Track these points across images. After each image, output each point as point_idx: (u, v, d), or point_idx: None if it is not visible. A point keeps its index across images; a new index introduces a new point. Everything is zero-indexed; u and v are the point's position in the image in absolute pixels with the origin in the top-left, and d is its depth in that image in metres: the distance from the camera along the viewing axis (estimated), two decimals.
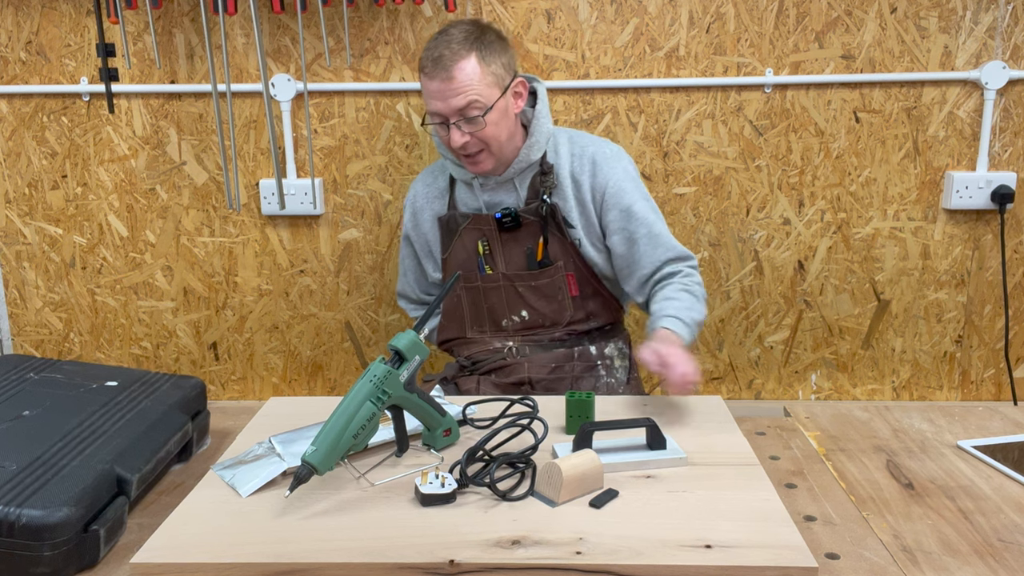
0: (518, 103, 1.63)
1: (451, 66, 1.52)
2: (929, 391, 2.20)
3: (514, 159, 1.64)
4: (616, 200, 1.64)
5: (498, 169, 1.65)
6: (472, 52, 1.54)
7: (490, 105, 1.55)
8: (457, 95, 1.53)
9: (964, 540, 1.08)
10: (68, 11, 2.02)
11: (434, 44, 1.56)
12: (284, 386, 2.27)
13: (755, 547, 1.00)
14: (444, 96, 1.54)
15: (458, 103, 1.54)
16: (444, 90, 1.53)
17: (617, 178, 1.65)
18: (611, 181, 1.65)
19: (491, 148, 1.59)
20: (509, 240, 1.67)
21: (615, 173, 1.65)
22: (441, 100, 1.54)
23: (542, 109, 1.66)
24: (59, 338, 2.25)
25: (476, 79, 1.53)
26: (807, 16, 1.98)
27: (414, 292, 1.88)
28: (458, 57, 1.53)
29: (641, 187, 1.68)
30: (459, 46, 1.54)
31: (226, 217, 2.14)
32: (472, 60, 1.53)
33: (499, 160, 1.62)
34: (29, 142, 2.11)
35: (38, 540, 1.00)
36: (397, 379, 1.18)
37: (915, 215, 2.08)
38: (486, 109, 1.55)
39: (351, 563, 0.98)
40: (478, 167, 1.62)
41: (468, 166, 1.63)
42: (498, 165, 1.63)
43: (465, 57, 1.53)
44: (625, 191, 1.64)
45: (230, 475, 1.19)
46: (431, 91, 1.56)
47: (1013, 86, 1.99)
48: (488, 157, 1.61)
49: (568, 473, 1.10)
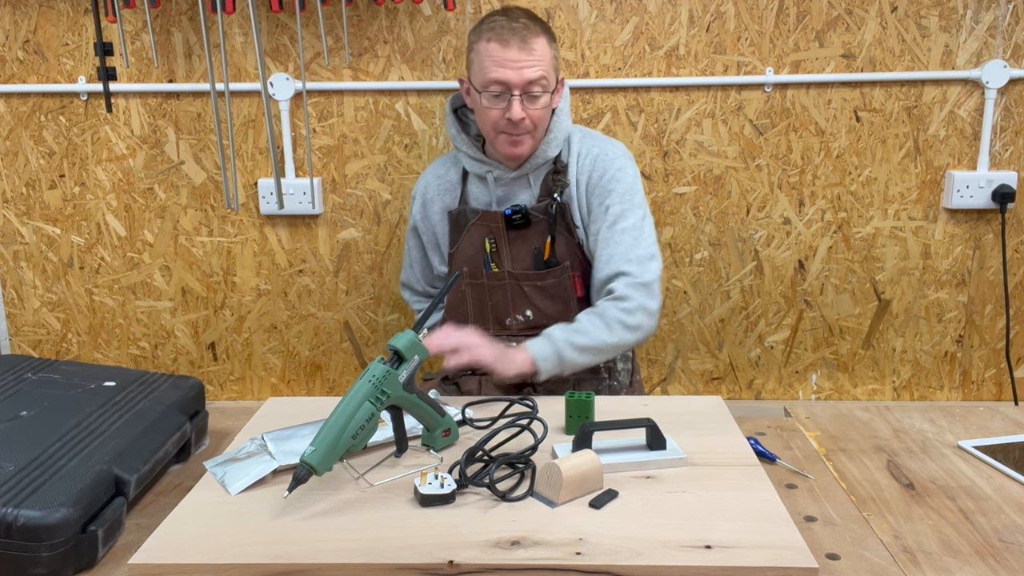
0: (557, 100, 1.65)
1: (530, 38, 1.54)
2: (930, 391, 2.19)
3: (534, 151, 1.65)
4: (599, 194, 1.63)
5: (524, 158, 1.65)
6: (544, 33, 1.58)
7: (552, 87, 1.58)
8: (533, 67, 1.54)
9: (965, 540, 1.08)
10: (66, 10, 2.02)
11: (500, 18, 1.56)
12: (283, 386, 2.26)
13: (755, 547, 1.00)
14: (519, 66, 1.53)
15: (532, 75, 1.54)
16: (521, 60, 1.53)
17: (609, 175, 1.64)
18: (604, 178, 1.64)
19: (536, 131, 1.60)
20: (516, 239, 1.67)
21: (608, 171, 1.64)
22: (514, 70, 1.53)
23: (563, 107, 1.67)
24: (57, 338, 2.24)
25: (548, 58, 1.57)
26: (807, 15, 1.97)
27: (419, 283, 1.87)
28: (535, 32, 1.56)
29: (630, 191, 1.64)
30: (532, 23, 1.57)
31: (224, 217, 2.14)
32: (544, 39, 1.57)
33: (534, 147, 1.63)
34: (27, 141, 2.10)
35: (36, 541, 0.99)
36: (396, 379, 1.17)
37: (916, 215, 2.08)
38: (550, 88, 1.57)
39: (350, 564, 0.98)
40: (519, 148, 1.61)
41: (508, 146, 1.61)
42: (532, 151, 1.64)
43: (540, 34, 1.56)
44: (608, 190, 1.63)
45: (221, 472, 1.18)
46: (503, 59, 1.54)
47: (1014, 85, 1.99)
48: (530, 140, 1.61)
49: (568, 474, 1.09)
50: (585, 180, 1.65)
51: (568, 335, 1.52)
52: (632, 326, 1.56)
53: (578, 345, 1.52)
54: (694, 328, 2.18)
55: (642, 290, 1.57)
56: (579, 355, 1.52)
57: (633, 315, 1.55)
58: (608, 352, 1.57)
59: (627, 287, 1.57)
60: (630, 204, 1.63)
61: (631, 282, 1.57)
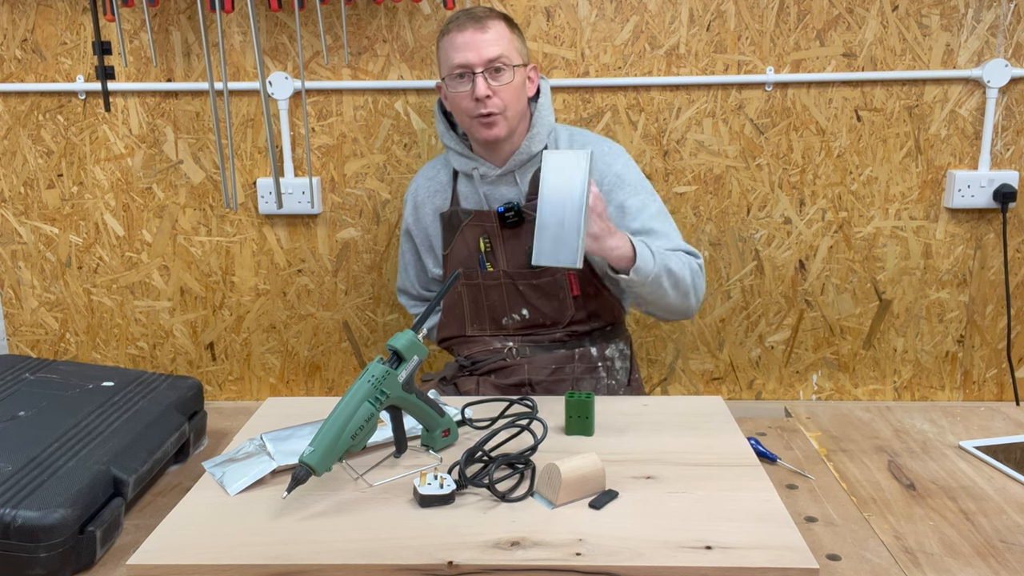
0: (530, 87, 1.67)
1: (486, 20, 1.59)
2: (931, 391, 2.19)
3: (518, 147, 1.64)
4: (610, 197, 1.63)
5: (504, 150, 1.65)
6: (502, 19, 1.62)
7: (516, 63, 1.60)
8: (490, 45, 1.57)
9: (966, 541, 1.07)
10: (64, 8, 2.01)
11: (460, 14, 1.62)
12: (281, 386, 2.26)
13: (756, 548, 0.99)
14: (476, 46, 1.57)
15: (490, 53, 1.57)
16: (477, 40, 1.57)
17: (613, 174, 1.65)
18: (606, 178, 1.64)
19: (507, 112, 1.61)
20: (511, 237, 1.66)
21: (610, 170, 1.65)
22: (472, 50, 1.57)
23: (544, 103, 1.67)
24: (55, 338, 2.24)
25: (506, 38, 1.60)
26: (808, 14, 1.97)
27: (414, 288, 1.87)
28: (492, 17, 1.61)
29: (641, 184, 1.66)
30: (490, 12, 1.62)
31: (223, 216, 2.14)
32: (503, 23, 1.61)
33: (510, 131, 1.63)
34: (25, 141, 2.10)
35: (34, 542, 0.99)
36: (395, 379, 1.17)
37: (917, 214, 2.08)
38: (513, 64, 1.60)
39: (349, 564, 0.98)
40: (492, 130, 1.61)
41: (482, 130, 1.61)
42: (508, 137, 1.63)
43: (496, 19, 1.61)
44: (618, 187, 1.64)
45: (220, 473, 1.18)
46: (460, 43, 1.58)
47: (1015, 84, 1.98)
48: (503, 122, 1.61)
49: (568, 475, 1.09)
50: None
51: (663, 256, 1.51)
52: (698, 287, 1.58)
53: (667, 268, 1.51)
54: (694, 328, 2.17)
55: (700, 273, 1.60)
56: (667, 278, 1.51)
57: (700, 277, 1.59)
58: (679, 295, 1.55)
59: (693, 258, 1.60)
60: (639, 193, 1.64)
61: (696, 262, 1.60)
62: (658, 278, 1.50)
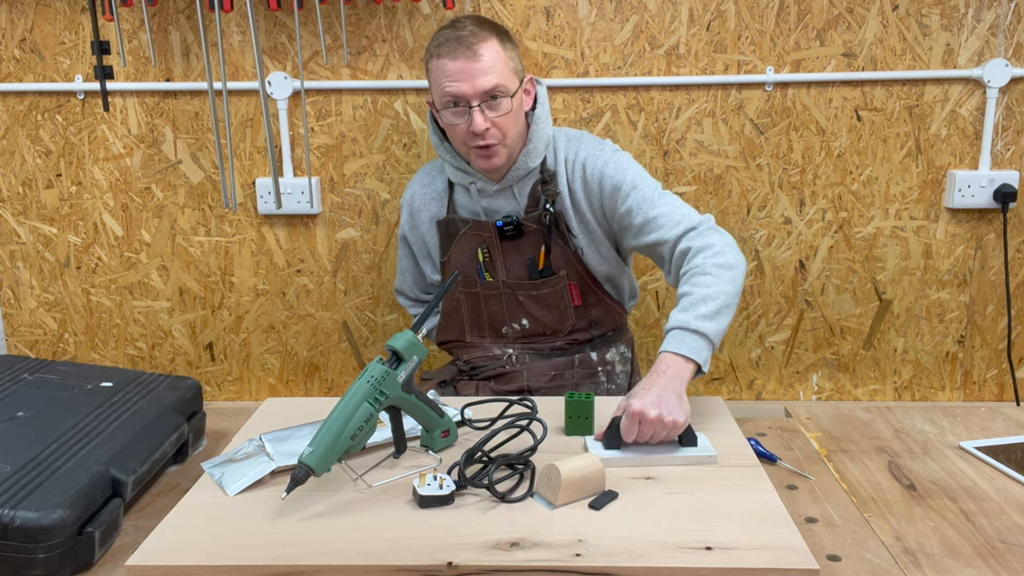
0: (527, 101, 1.59)
1: (476, 45, 1.46)
2: (931, 392, 2.19)
3: (515, 162, 1.59)
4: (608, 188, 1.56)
5: (502, 169, 1.60)
6: (492, 35, 1.50)
7: (513, 90, 1.50)
8: (485, 75, 1.46)
9: (966, 542, 1.07)
10: (63, 8, 2.01)
11: (447, 30, 1.50)
12: (281, 387, 2.26)
13: (756, 549, 0.99)
14: (471, 76, 1.46)
15: (485, 84, 1.46)
16: (470, 70, 1.46)
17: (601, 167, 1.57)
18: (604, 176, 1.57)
19: (507, 140, 1.53)
20: (510, 248, 1.63)
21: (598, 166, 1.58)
22: (466, 81, 1.46)
23: (542, 114, 1.60)
24: (54, 338, 2.23)
25: (500, 62, 1.48)
26: (808, 13, 1.97)
27: (412, 291, 1.86)
28: (480, 38, 1.47)
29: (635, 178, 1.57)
30: (478, 29, 1.48)
31: (222, 216, 2.13)
32: (494, 42, 1.49)
33: (510, 156, 1.56)
34: (23, 140, 2.10)
35: (32, 542, 0.99)
36: (395, 380, 1.17)
37: (917, 214, 2.07)
38: (510, 93, 1.49)
39: (348, 565, 0.97)
40: (491, 161, 1.54)
41: (480, 160, 1.55)
42: (507, 162, 1.58)
43: (487, 39, 1.48)
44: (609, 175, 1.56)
45: (219, 473, 1.18)
46: (452, 72, 1.47)
47: (1016, 84, 1.98)
48: (503, 150, 1.54)
49: (567, 475, 1.09)
50: (579, 187, 1.60)
51: (693, 313, 1.36)
52: (732, 264, 1.43)
53: (708, 313, 1.36)
54: None
55: (713, 232, 1.48)
56: (715, 321, 1.36)
57: (725, 254, 1.44)
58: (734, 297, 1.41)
59: (700, 236, 1.47)
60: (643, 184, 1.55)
61: (701, 231, 1.48)
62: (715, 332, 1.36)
